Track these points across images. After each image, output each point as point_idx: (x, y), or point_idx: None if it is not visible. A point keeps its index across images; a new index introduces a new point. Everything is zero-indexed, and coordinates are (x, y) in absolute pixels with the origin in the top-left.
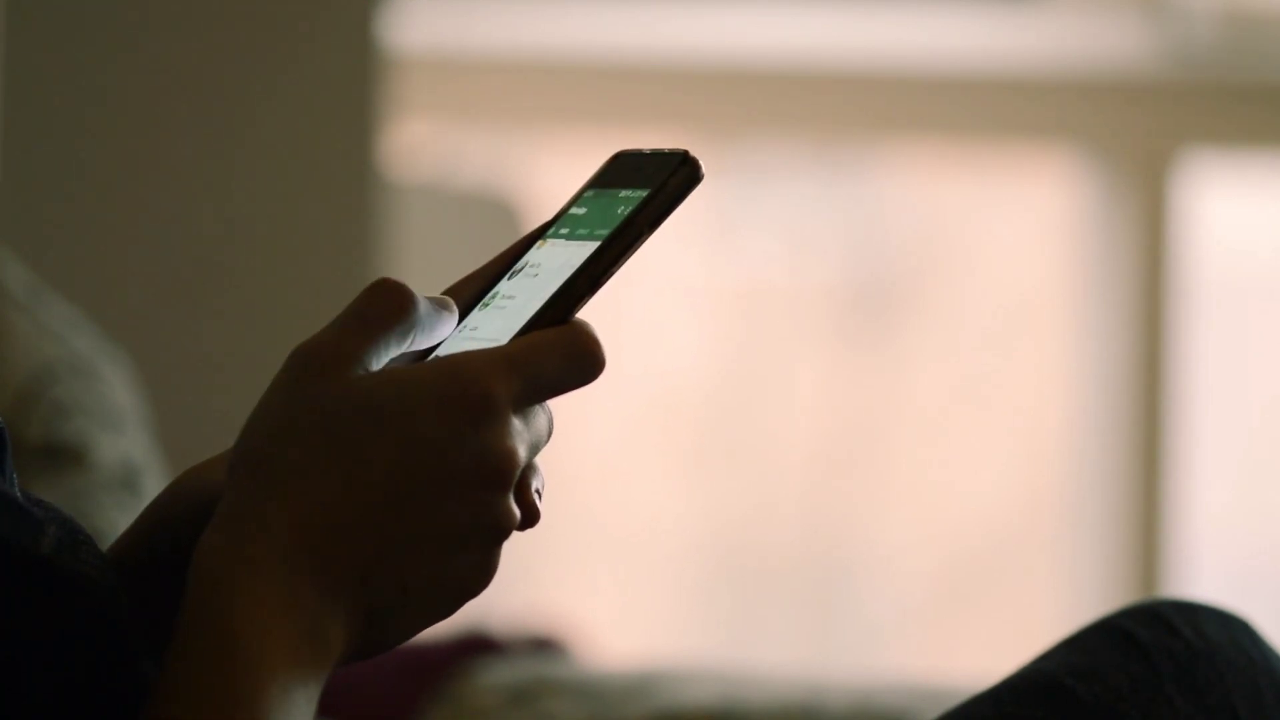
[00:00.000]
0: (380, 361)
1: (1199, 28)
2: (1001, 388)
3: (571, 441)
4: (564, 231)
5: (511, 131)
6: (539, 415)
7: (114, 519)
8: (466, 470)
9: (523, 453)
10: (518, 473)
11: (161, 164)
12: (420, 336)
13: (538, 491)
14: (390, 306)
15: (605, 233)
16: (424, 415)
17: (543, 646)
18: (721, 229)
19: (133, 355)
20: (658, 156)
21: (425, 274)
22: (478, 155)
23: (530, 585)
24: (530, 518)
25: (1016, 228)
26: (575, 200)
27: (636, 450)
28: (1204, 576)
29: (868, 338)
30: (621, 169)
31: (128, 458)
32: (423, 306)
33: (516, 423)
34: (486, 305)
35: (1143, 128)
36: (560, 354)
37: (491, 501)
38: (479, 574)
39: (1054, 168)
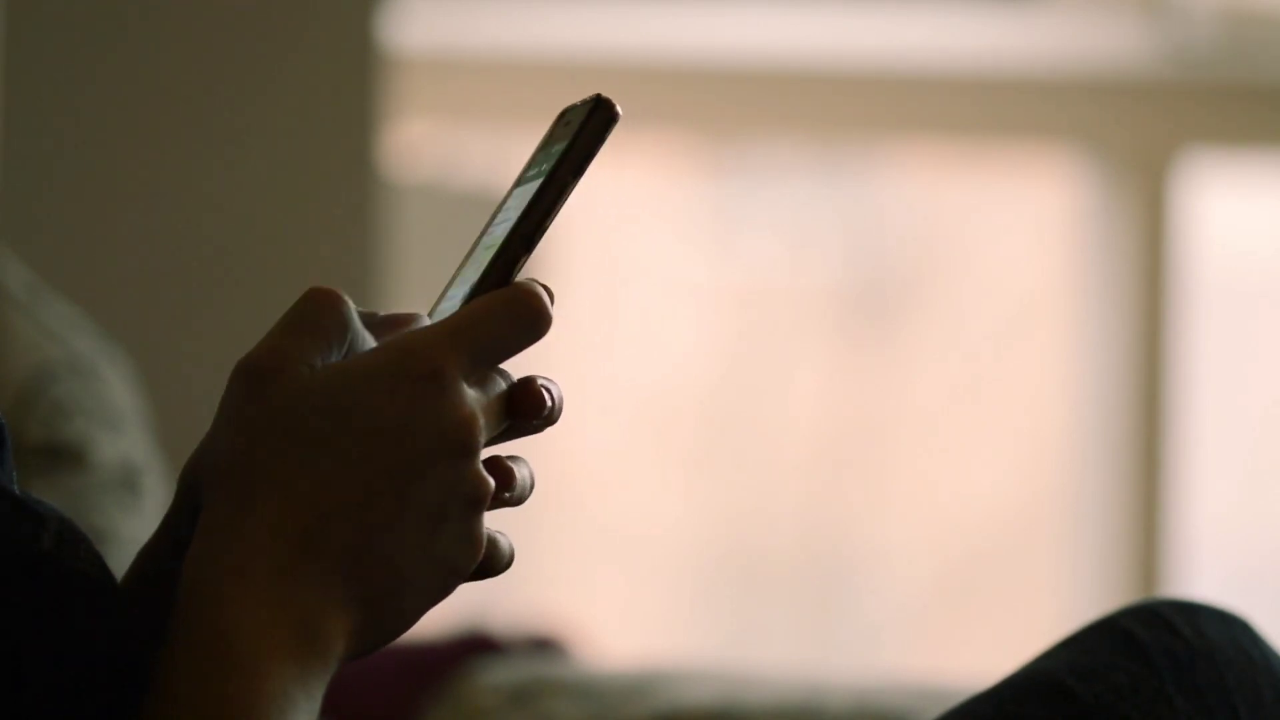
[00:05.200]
0: (322, 362)
1: (1199, 28)
2: (1001, 388)
3: (572, 441)
4: (516, 193)
5: (511, 131)
6: (497, 381)
7: (114, 519)
8: (429, 445)
9: (483, 418)
10: (481, 438)
11: (161, 164)
12: (358, 341)
13: (524, 468)
14: (322, 311)
15: (533, 190)
16: (379, 399)
17: (543, 646)
18: (721, 229)
19: (133, 355)
20: (579, 107)
21: (425, 274)
22: (478, 155)
23: (530, 585)
24: (507, 485)
25: (1016, 228)
26: (531, 163)
27: (636, 450)
28: (1204, 576)
29: (868, 338)
30: (559, 125)
31: (128, 458)
32: (354, 316)
33: (471, 391)
34: (456, 283)
35: (1143, 128)
36: (501, 315)
37: (460, 470)
38: (466, 546)
39: (1054, 168)
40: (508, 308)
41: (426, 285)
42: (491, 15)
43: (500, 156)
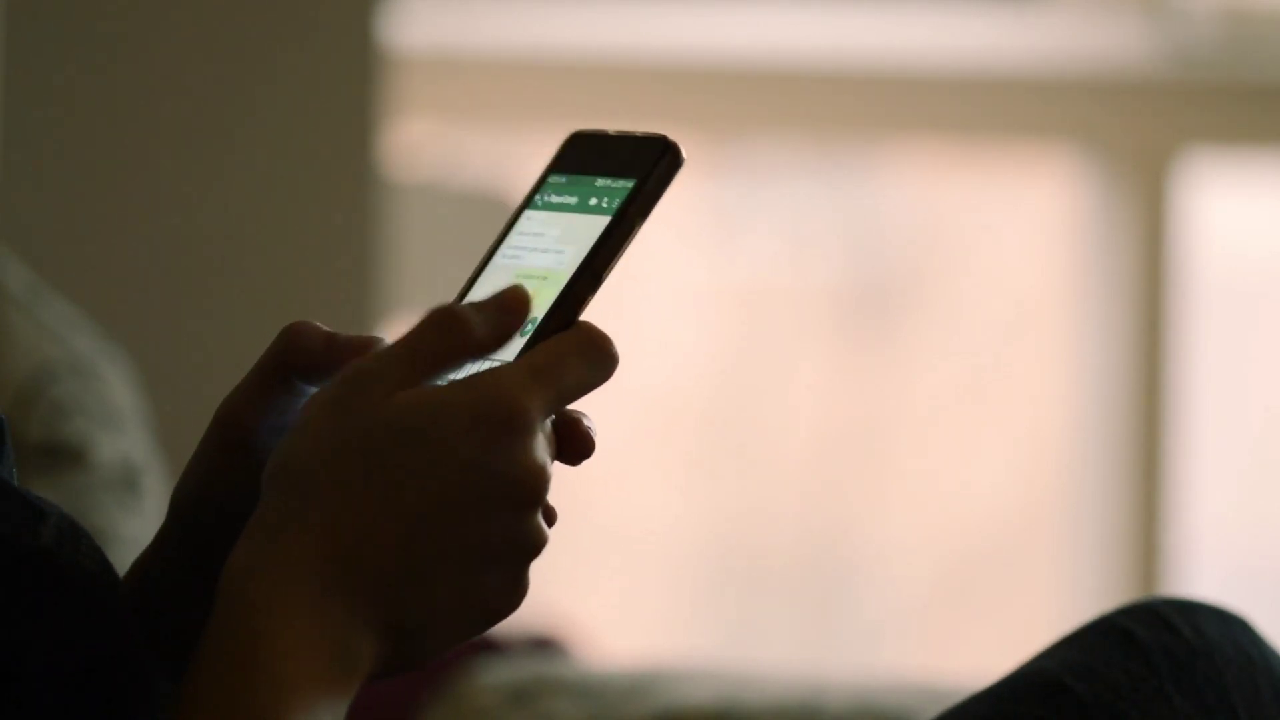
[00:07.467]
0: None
1: (1199, 28)
2: (1001, 388)
3: None
4: (543, 222)
5: (511, 131)
6: (549, 426)
7: (114, 518)
8: (498, 490)
9: (549, 468)
10: (548, 488)
11: (161, 164)
12: (475, 364)
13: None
14: (445, 342)
15: (597, 227)
16: (459, 435)
17: (543, 646)
18: (722, 229)
19: (133, 355)
20: (630, 141)
21: (425, 274)
22: (478, 155)
23: (530, 585)
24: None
25: (1017, 227)
26: (542, 186)
27: (637, 450)
28: (1204, 576)
29: (868, 338)
30: (588, 153)
31: (128, 458)
32: (479, 334)
33: (542, 436)
34: (462, 296)
35: (1143, 128)
36: (580, 358)
37: (522, 520)
38: (510, 593)
39: (1054, 168)
40: (583, 350)
41: (426, 285)
42: (492, 15)
43: (500, 156)
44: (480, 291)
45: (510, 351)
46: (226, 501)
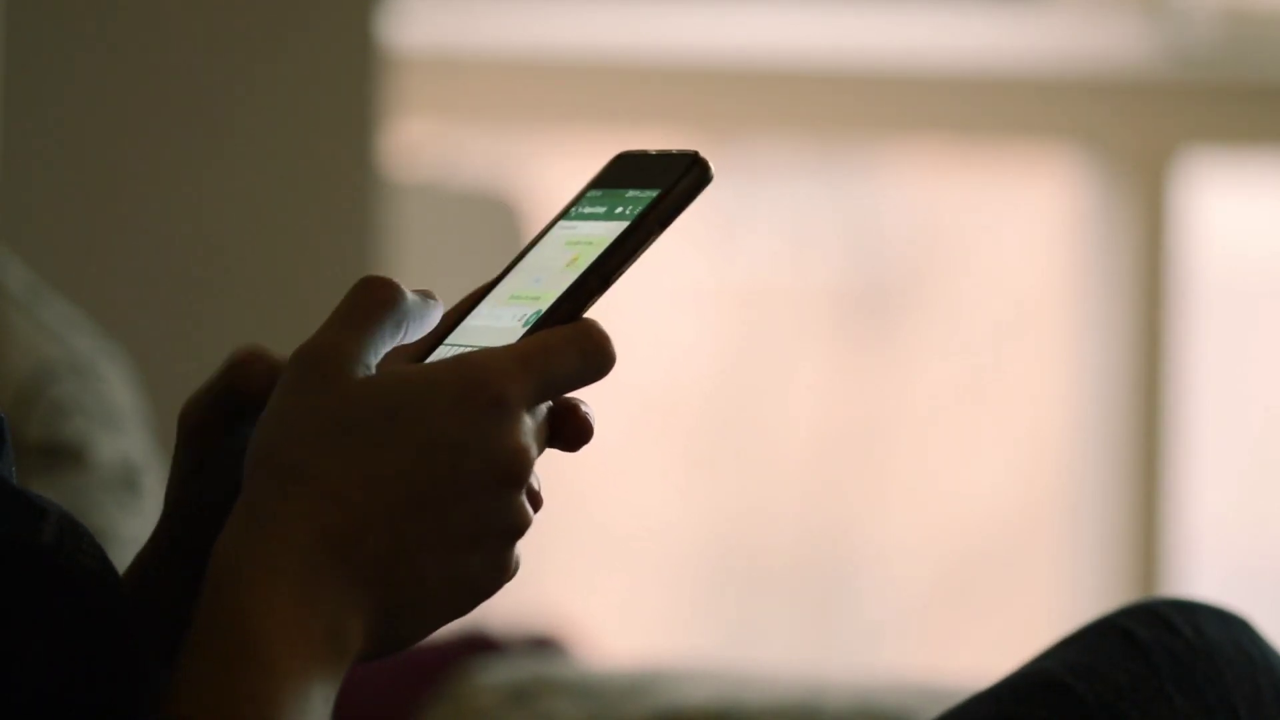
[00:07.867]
0: (377, 356)
1: (1199, 28)
2: (1001, 387)
3: None
4: (570, 230)
5: (512, 131)
6: (543, 413)
7: (114, 518)
8: (482, 469)
9: (534, 451)
10: (531, 471)
11: (161, 164)
12: (412, 326)
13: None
14: (380, 301)
15: (615, 231)
16: (440, 414)
17: (543, 646)
18: (722, 229)
19: (133, 355)
20: (665, 158)
21: (425, 274)
22: (478, 155)
23: (530, 585)
24: (535, 510)
25: (1017, 227)
26: (579, 199)
27: (637, 450)
28: (1204, 576)
29: (868, 338)
30: (626, 169)
31: (127, 457)
32: (410, 298)
33: (528, 421)
34: (492, 301)
35: (1143, 128)
36: (572, 351)
37: (506, 500)
38: (495, 573)
39: (1054, 168)
40: (578, 345)
41: (426, 285)
42: (491, 15)
43: (500, 156)
44: (504, 287)
45: (509, 340)
46: (207, 493)
